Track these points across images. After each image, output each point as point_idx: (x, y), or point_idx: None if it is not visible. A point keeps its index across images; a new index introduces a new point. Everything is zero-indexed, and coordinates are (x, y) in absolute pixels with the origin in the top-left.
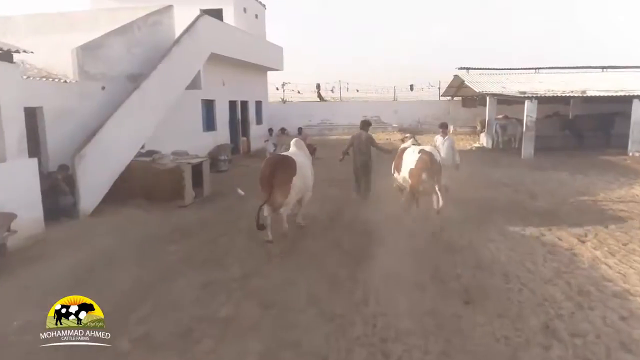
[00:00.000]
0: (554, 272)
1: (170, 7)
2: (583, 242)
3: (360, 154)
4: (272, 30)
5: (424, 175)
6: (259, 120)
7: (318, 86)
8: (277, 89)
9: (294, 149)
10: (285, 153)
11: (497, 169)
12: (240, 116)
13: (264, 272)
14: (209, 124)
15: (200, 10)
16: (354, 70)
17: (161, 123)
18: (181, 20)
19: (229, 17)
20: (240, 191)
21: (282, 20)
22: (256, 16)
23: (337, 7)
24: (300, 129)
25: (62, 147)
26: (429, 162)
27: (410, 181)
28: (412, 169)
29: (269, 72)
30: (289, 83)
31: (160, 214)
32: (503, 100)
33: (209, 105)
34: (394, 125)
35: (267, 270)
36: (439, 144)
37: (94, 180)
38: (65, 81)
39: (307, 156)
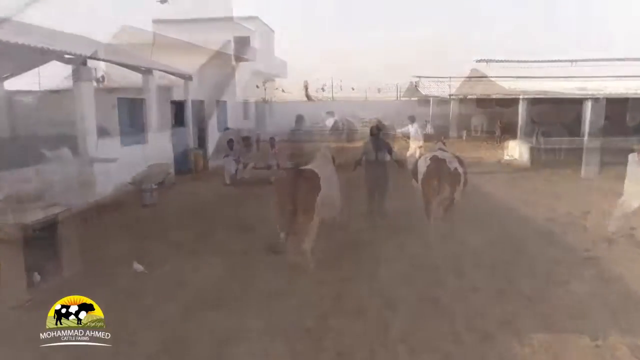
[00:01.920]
0: None
1: None
2: None
3: (374, 164)
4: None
5: (434, 184)
6: (221, 127)
7: (306, 84)
8: (258, 86)
9: (318, 161)
10: (308, 166)
11: (567, 202)
12: (192, 121)
13: None
14: (134, 134)
15: None
16: (349, 66)
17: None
18: None
19: None
20: (137, 265)
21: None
22: None
23: None
24: (272, 139)
25: None
26: (438, 170)
27: (422, 189)
28: (424, 176)
29: (242, 65)
30: (272, 80)
31: None
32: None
33: (133, 107)
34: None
35: None
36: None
37: None
38: None
39: (331, 168)
